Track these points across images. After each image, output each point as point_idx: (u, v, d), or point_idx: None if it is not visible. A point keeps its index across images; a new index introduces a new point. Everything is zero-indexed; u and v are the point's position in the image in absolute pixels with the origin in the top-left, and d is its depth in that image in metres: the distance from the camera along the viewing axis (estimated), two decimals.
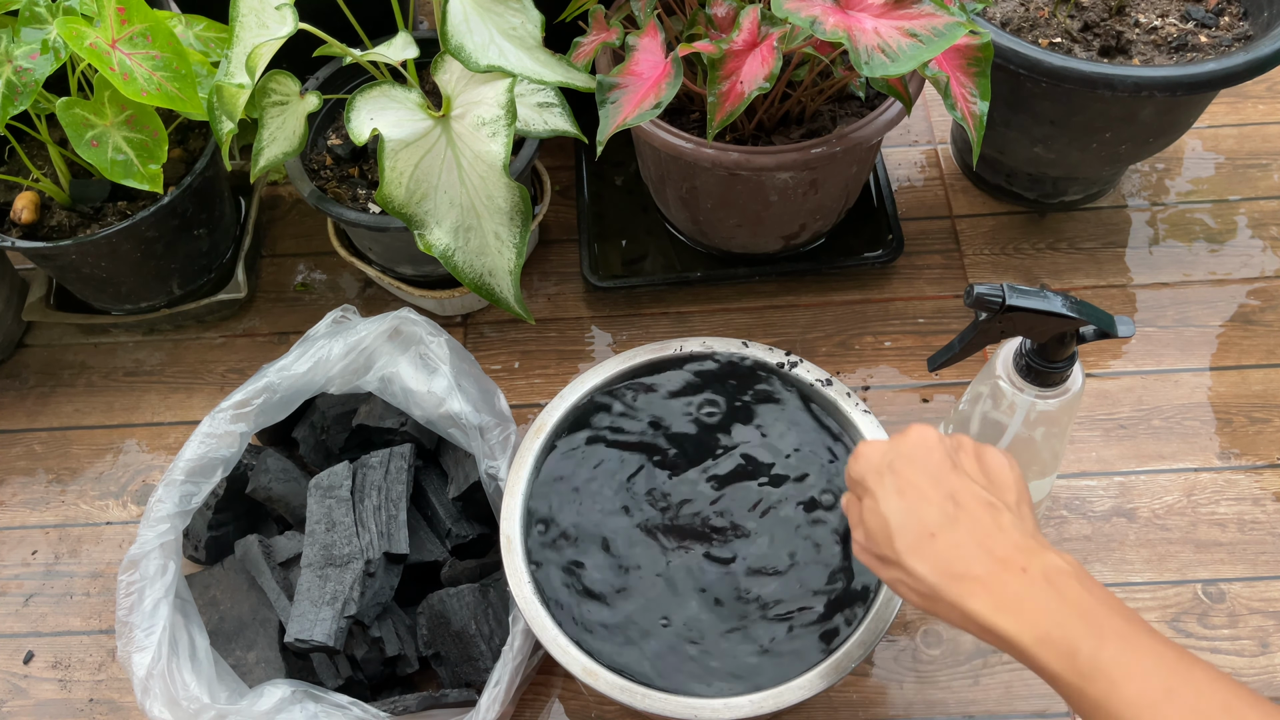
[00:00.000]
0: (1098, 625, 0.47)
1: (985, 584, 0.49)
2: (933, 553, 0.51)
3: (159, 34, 0.79)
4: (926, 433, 0.56)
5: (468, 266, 0.78)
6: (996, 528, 0.51)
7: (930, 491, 0.53)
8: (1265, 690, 0.75)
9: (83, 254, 0.88)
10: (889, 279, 0.98)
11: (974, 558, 0.50)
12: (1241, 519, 0.83)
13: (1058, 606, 0.48)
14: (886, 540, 0.53)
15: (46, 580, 0.87)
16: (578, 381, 0.79)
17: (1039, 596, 0.48)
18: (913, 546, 0.51)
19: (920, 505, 0.52)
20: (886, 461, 0.55)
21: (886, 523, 0.53)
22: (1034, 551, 0.50)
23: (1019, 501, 0.54)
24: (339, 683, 0.74)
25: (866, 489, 0.55)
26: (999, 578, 0.49)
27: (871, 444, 0.57)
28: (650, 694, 0.66)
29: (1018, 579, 0.49)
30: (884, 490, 0.54)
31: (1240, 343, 0.93)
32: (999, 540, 0.50)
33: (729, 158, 0.80)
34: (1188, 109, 0.88)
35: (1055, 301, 0.58)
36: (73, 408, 0.97)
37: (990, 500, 0.52)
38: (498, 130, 0.73)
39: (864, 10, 0.68)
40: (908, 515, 0.52)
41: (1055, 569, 0.49)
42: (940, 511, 0.52)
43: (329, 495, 0.77)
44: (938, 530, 0.51)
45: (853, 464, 0.57)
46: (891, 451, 0.55)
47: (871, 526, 0.54)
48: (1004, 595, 0.48)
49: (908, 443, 0.55)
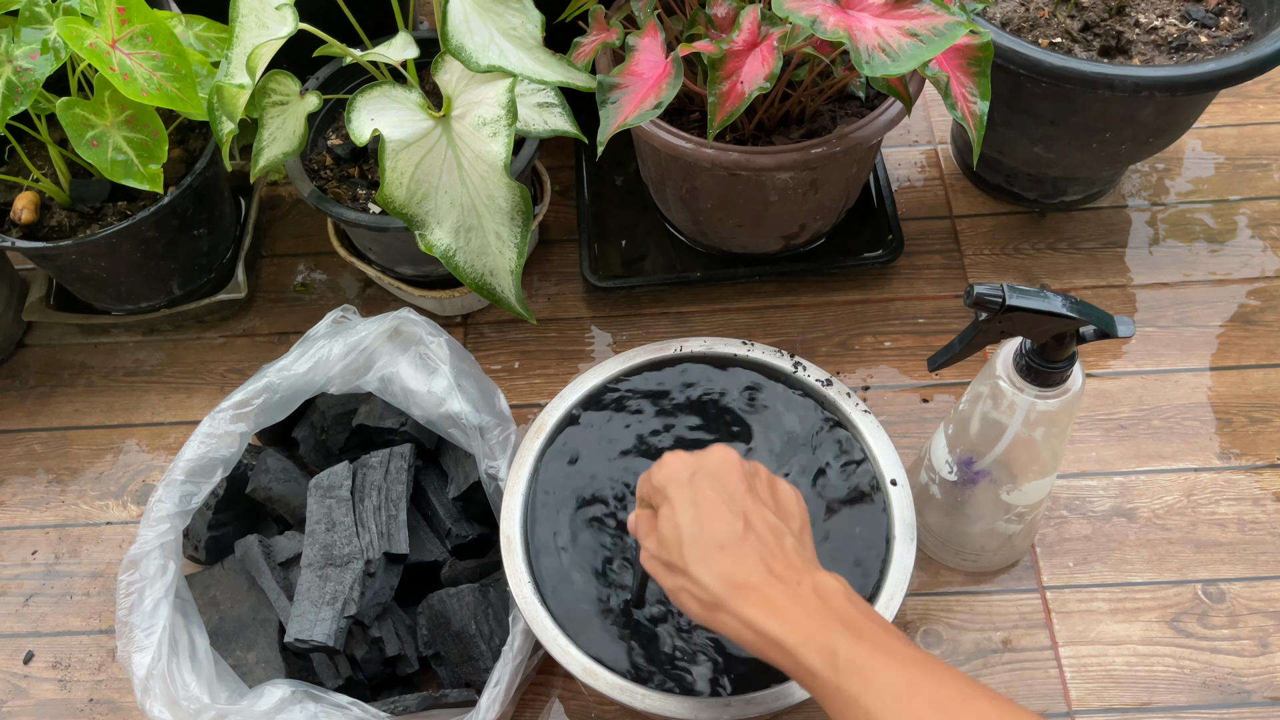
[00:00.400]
0: (856, 630, 0.52)
1: (761, 593, 0.53)
2: (719, 564, 0.55)
3: (159, 34, 0.79)
4: (729, 453, 0.60)
5: (469, 266, 0.78)
6: (779, 548, 0.56)
7: (724, 509, 0.56)
8: (1265, 690, 0.75)
9: (83, 254, 0.88)
10: (889, 279, 0.98)
11: (754, 571, 0.54)
12: (1241, 519, 0.83)
13: (822, 613, 0.52)
14: (678, 548, 0.56)
15: (46, 580, 0.87)
16: (578, 381, 0.79)
17: (807, 605, 0.53)
18: (701, 557, 0.55)
19: (714, 520, 0.56)
20: (689, 474, 0.58)
21: (680, 531, 0.56)
22: (807, 571, 0.55)
23: (801, 530, 0.59)
24: (339, 683, 0.74)
25: (666, 497, 0.58)
26: (774, 588, 0.54)
27: (676, 455, 0.60)
28: (650, 694, 0.66)
29: (791, 590, 0.53)
30: (682, 501, 0.57)
31: (1240, 343, 0.93)
32: (779, 559, 0.55)
33: (729, 158, 0.80)
34: (1188, 109, 0.88)
35: (1055, 301, 0.58)
36: (73, 408, 0.97)
37: (776, 524, 0.57)
38: (498, 130, 0.73)
39: (864, 10, 0.68)
40: (701, 528, 0.56)
41: (825, 586, 0.54)
42: (730, 528, 0.56)
43: (329, 495, 0.77)
44: (726, 544, 0.55)
45: (655, 472, 0.60)
46: (695, 464, 0.59)
47: (665, 533, 0.57)
48: (777, 603, 0.53)
49: (711, 459, 0.59)
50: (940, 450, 0.74)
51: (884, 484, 0.73)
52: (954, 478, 0.73)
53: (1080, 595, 0.80)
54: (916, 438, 0.89)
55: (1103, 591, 0.80)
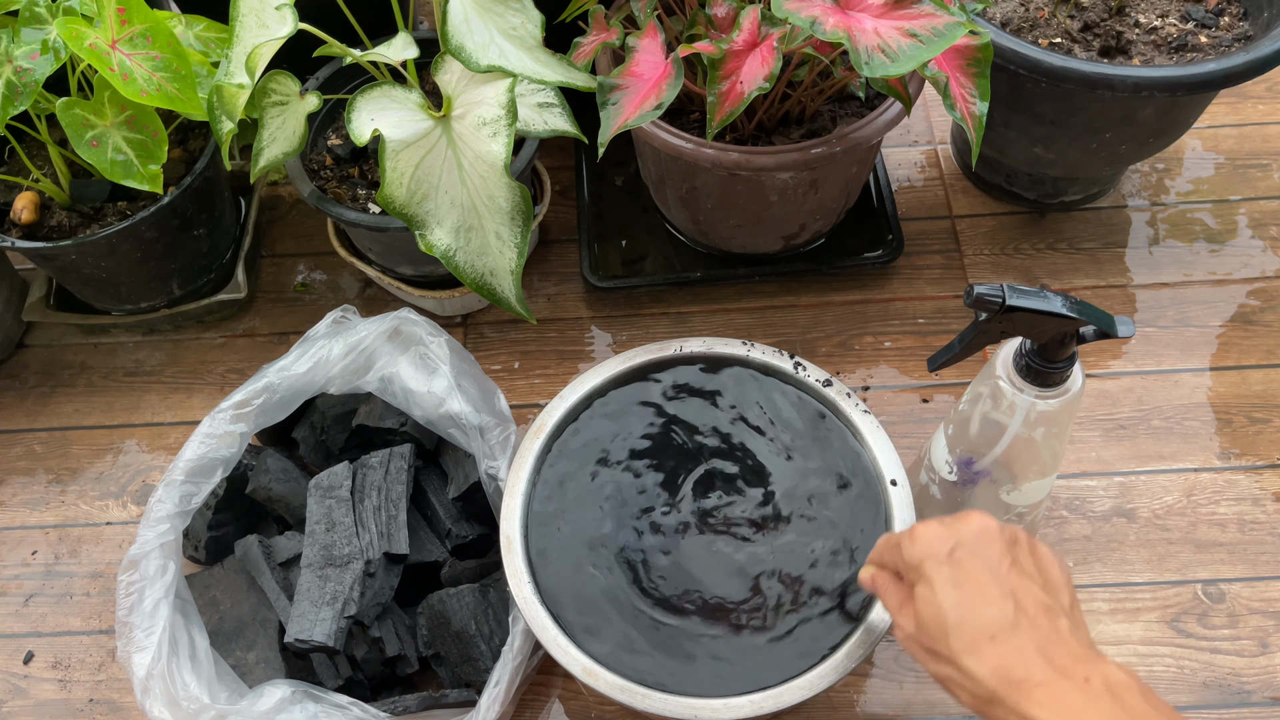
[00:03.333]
0: None
1: (1047, 691, 0.48)
2: (992, 655, 0.50)
3: (159, 34, 0.79)
4: (988, 522, 0.54)
5: (469, 267, 0.78)
6: (1056, 634, 0.50)
7: (991, 590, 0.51)
8: (1265, 690, 0.75)
9: (83, 254, 0.88)
10: (889, 279, 0.98)
11: (1034, 664, 0.49)
12: (1241, 519, 0.83)
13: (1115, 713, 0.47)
14: (941, 636, 0.51)
15: (46, 580, 0.87)
16: (578, 382, 0.79)
17: (1103, 707, 0.47)
18: (970, 647, 0.50)
19: (980, 604, 0.51)
20: (947, 549, 0.53)
21: (943, 618, 0.51)
22: (1094, 662, 0.49)
23: (1072, 606, 0.53)
24: (339, 683, 0.74)
25: (923, 575, 0.53)
26: (1061, 686, 0.48)
27: (929, 526, 0.55)
28: (650, 694, 0.66)
29: (1080, 689, 0.48)
30: (942, 581, 0.52)
31: (1240, 343, 0.93)
32: (1059, 648, 0.49)
33: (729, 158, 0.80)
34: (1188, 109, 0.88)
35: (1055, 302, 0.58)
36: (73, 408, 0.97)
37: (1049, 604, 0.51)
38: (499, 130, 0.73)
39: (864, 10, 0.68)
40: (967, 613, 0.51)
41: (1118, 681, 0.48)
42: (1000, 612, 0.50)
43: (329, 495, 0.77)
44: (998, 632, 0.50)
45: (908, 546, 0.55)
46: (952, 539, 0.54)
47: (925, 618, 0.52)
48: (1066, 704, 0.47)
49: (969, 531, 0.54)
50: (940, 450, 0.74)
51: (884, 484, 0.73)
52: (954, 478, 0.73)
53: (1080, 595, 0.80)
54: (916, 438, 0.89)
55: (1103, 591, 0.80)
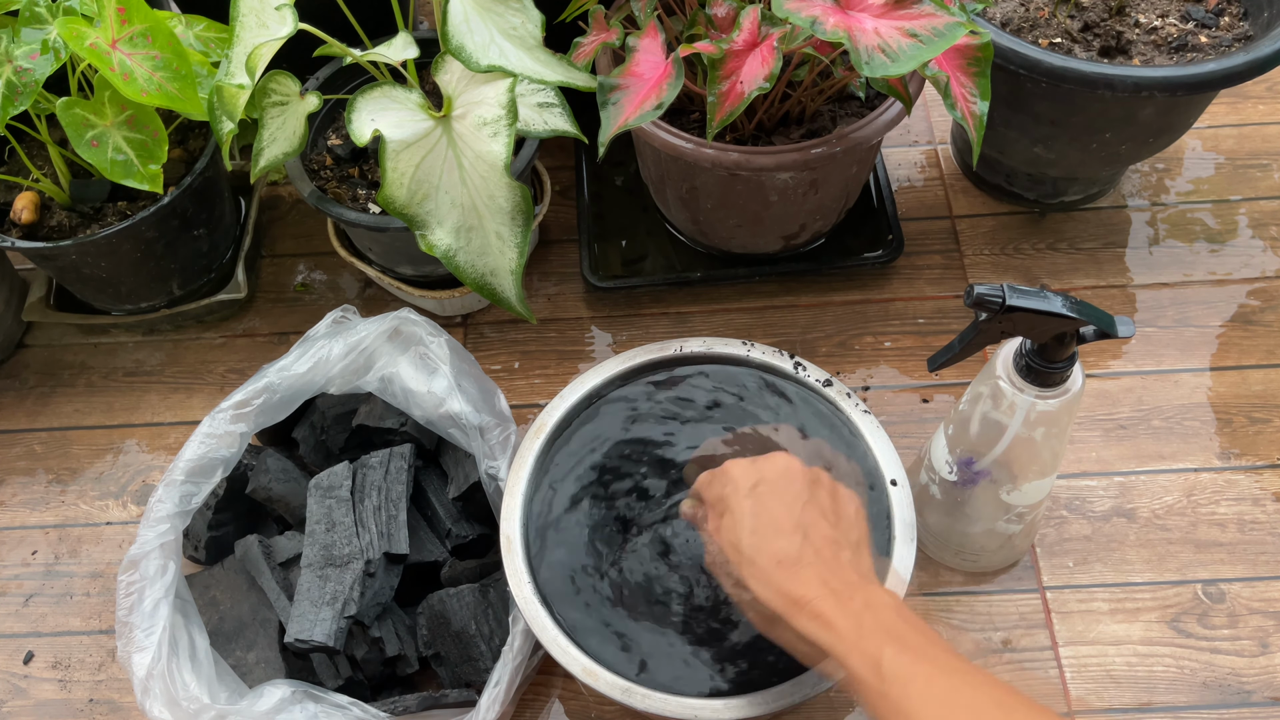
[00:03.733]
0: (900, 640, 0.53)
1: (815, 606, 0.55)
2: (776, 580, 0.56)
3: (159, 34, 0.79)
4: (791, 462, 0.61)
5: (470, 267, 0.78)
6: (836, 564, 0.57)
7: (785, 523, 0.58)
8: (1265, 690, 0.75)
9: (83, 254, 0.88)
10: (889, 279, 0.98)
11: (810, 586, 0.56)
12: (1241, 519, 0.83)
13: (871, 625, 0.54)
14: (737, 562, 0.58)
15: (46, 580, 0.87)
16: (578, 382, 0.79)
17: (857, 617, 0.54)
18: (760, 574, 0.57)
19: (773, 535, 0.58)
20: (750, 484, 0.60)
21: (740, 546, 0.58)
22: (860, 586, 0.56)
23: (859, 542, 0.60)
24: (339, 683, 0.74)
25: (728, 507, 0.60)
26: (828, 601, 0.55)
27: (738, 463, 0.61)
28: (650, 694, 0.66)
29: (843, 604, 0.55)
30: (743, 513, 0.59)
31: (1240, 343, 0.93)
32: (835, 574, 0.56)
33: (729, 158, 0.80)
34: (1188, 109, 0.88)
35: (1055, 302, 0.58)
36: (73, 408, 0.97)
37: (834, 537, 0.58)
38: (499, 130, 0.73)
39: (864, 10, 0.68)
40: (761, 543, 0.58)
41: (876, 599, 0.55)
42: (789, 543, 0.57)
43: (329, 495, 0.77)
44: (784, 560, 0.57)
45: (716, 480, 0.61)
46: (756, 474, 0.60)
47: (726, 545, 0.59)
48: (829, 616, 0.55)
49: (773, 469, 0.60)
50: (940, 450, 0.74)
51: (884, 484, 0.73)
52: (954, 478, 0.73)
53: (1080, 595, 0.80)
54: (916, 438, 0.89)
55: (1103, 592, 0.80)
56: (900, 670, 0.52)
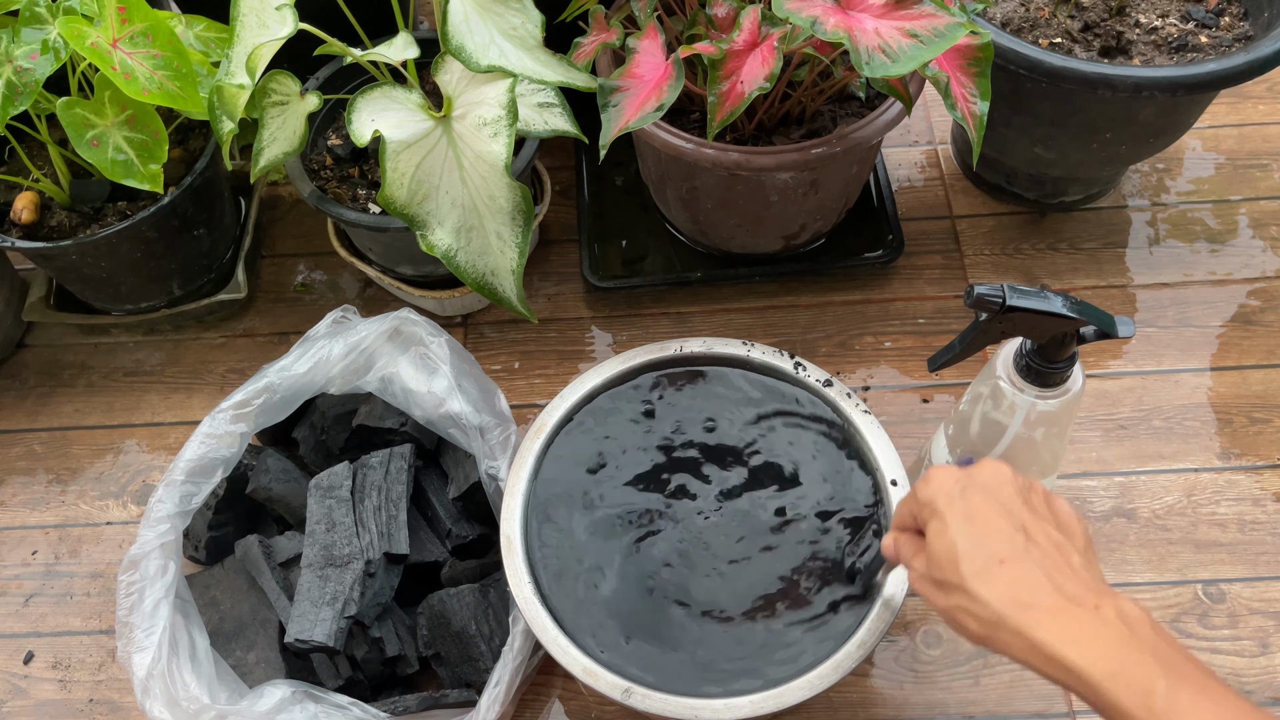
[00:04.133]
0: (1173, 667, 0.46)
1: (1055, 615, 0.48)
2: (1001, 579, 0.50)
3: (160, 33, 0.79)
4: (1000, 467, 0.55)
5: (470, 267, 0.78)
6: (1068, 566, 0.50)
7: (1001, 521, 0.52)
8: (1266, 690, 0.75)
9: (83, 254, 0.88)
10: (889, 279, 0.98)
11: (1043, 589, 0.49)
12: (1242, 519, 0.83)
13: (1132, 644, 0.47)
14: (952, 565, 0.51)
15: (46, 580, 0.87)
16: (578, 382, 0.79)
17: (1112, 633, 0.47)
18: (979, 572, 0.50)
19: (990, 533, 0.51)
20: (959, 488, 0.54)
21: (954, 546, 0.52)
22: (1105, 593, 0.49)
23: (1086, 549, 0.53)
24: (339, 683, 0.74)
25: (935, 511, 0.54)
26: (1069, 611, 0.48)
27: (943, 469, 0.56)
28: (650, 694, 0.66)
29: (1089, 615, 0.48)
30: (954, 514, 0.53)
31: (1240, 343, 0.93)
32: (1069, 577, 0.49)
33: (729, 158, 0.80)
34: (1188, 109, 0.88)
35: (1055, 302, 0.58)
36: (73, 408, 0.97)
37: (1061, 540, 0.52)
38: (499, 130, 0.73)
39: (864, 11, 0.68)
40: (977, 541, 0.51)
41: (1128, 612, 0.48)
42: (1010, 541, 0.51)
43: (329, 495, 0.77)
44: (1007, 558, 0.50)
45: (921, 487, 0.56)
46: (965, 479, 0.54)
47: (937, 550, 0.53)
48: (1074, 628, 0.47)
49: (982, 472, 0.55)
50: (940, 450, 0.74)
51: (884, 484, 0.73)
52: None
53: None
54: (916, 438, 0.89)
55: None
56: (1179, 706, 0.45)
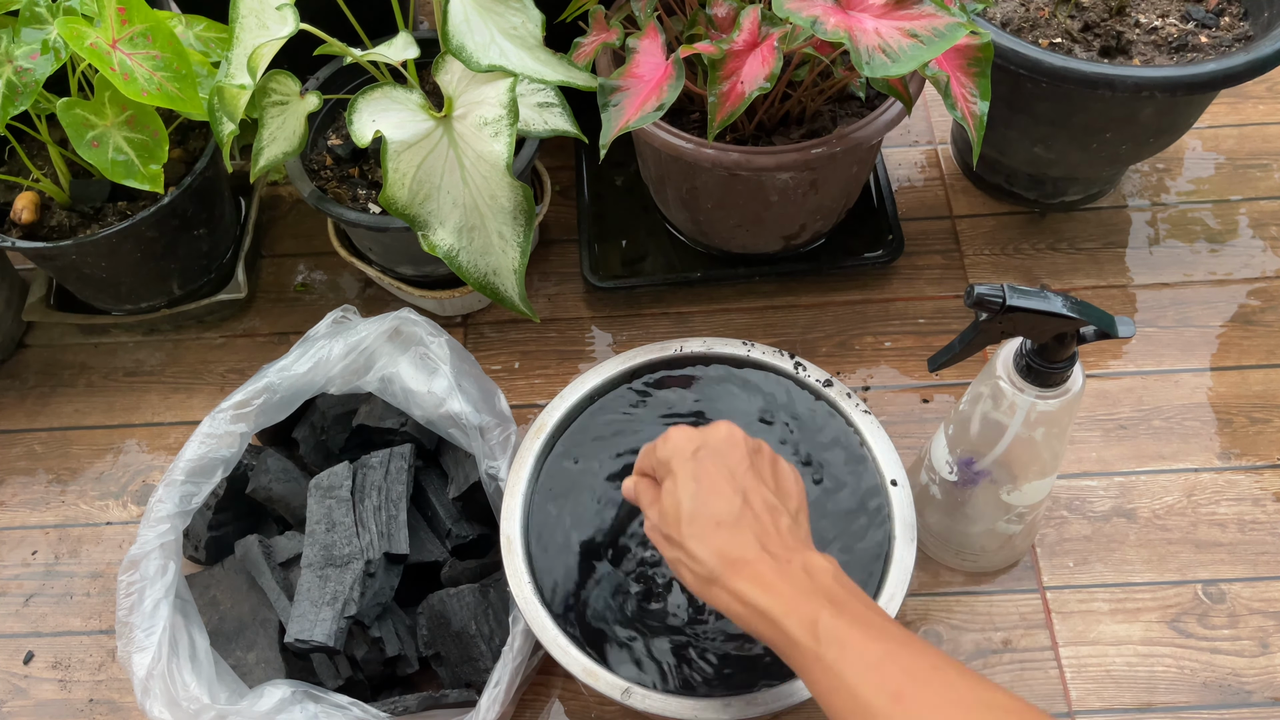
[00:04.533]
0: (838, 604, 0.54)
1: (753, 567, 0.55)
2: (716, 540, 0.57)
3: (159, 34, 0.79)
4: (733, 430, 0.61)
5: (472, 266, 0.78)
6: (774, 527, 0.57)
7: (725, 486, 0.58)
8: (1265, 690, 0.75)
9: (83, 254, 0.88)
10: (889, 279, 0.98)
11: (748, 547, 0.56)
12: (1242, 519, 0.83)
13: (808, 588, 0.55)
14: (677, 523, 0.58)
15: (46, 580, 0.87)
16: (578, 382, 0.79)
17: (795, 580, 0.55)
18: (699, 533, 0.57)
19: (714, 497, 0.58)
20: (692, 448, 0.60)
21: (680, 506, 0.58)
22: (799, 550, 0.57)
23: (798, 510, 0.60)
24: (339, 683, 0.74)
25: (670, 470, 0.60)
26: (766, 563, 0.55)
27: (681, 430, 0.62)
28: (650, 694, 0.66)
29: (781, 566, 0.56)
30: (684, 475, 0.59)
31: (1240, 343, 0.93)
32: (773, 538, 0.57)
33: (729, 158, 0.80)
34: (1188, 109, 0.88)
35: (1055, 302, 0.58)
36: (73, 408, 0.97)
37: (774, 503, 0.59)
38: (500, 130, 0.73)
39: (865, 10, 0.68)
40: (701, 504, 0.58)
41: (814, 564, 0.56)
42: (729, 505, 0.57)
43: (329, 495, 0.77)
44: (724, 521, 0.57)
45: (660, 445, 0.62)
46: (699, 439, 0.60)
47: (666, 506, 0.59)
48: (767, 578, 0.55)
49: (716, 436, 0.61)
50: (940, 450, 0.74)
51: (884, 484, 0.73)
52: (954, 478, 0.73)
53: (1080, 595, 0.80)
54: (916, 438, 0.89)
55: (1103, 592, 0.80)
56: (836, 633, 0.52)
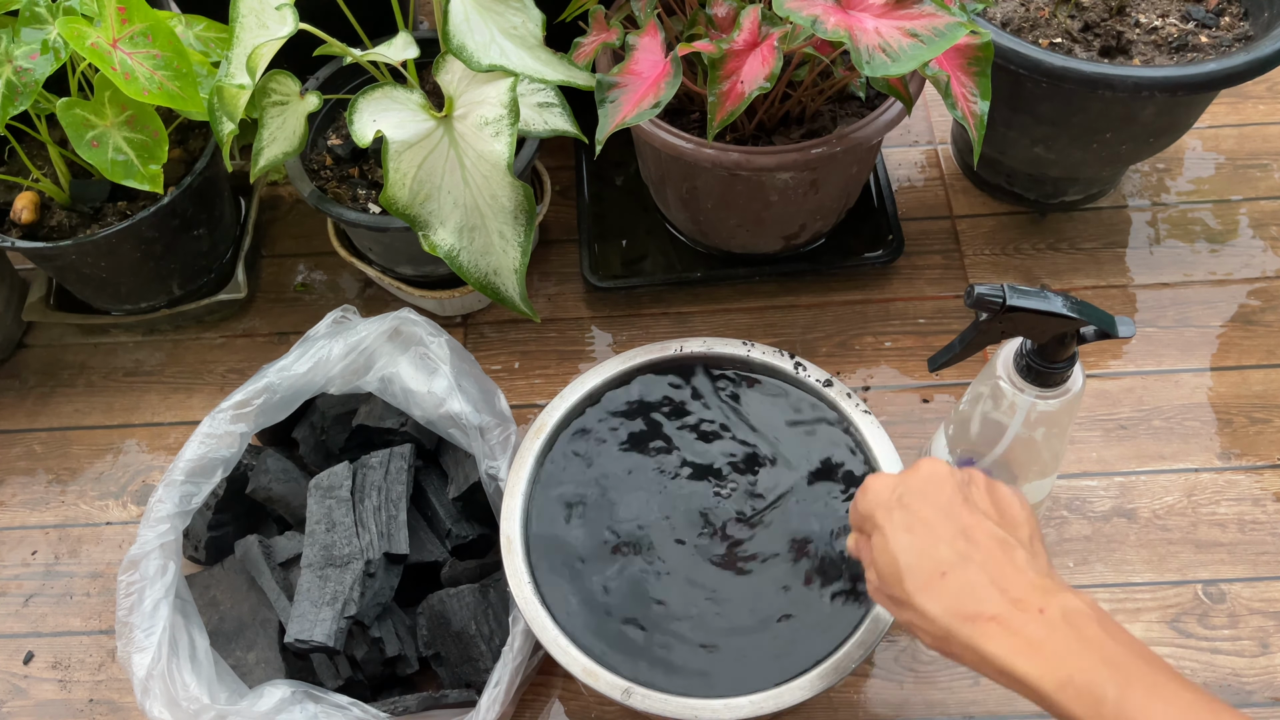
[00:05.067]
0: (1123, 670, 0.45)
1: (1001, 624, 0.47)
2: (944, 592, 0.49)
3: (160, 33, 0.79)
4: (937, 466, 0.54)
5: (473, 266, 0.78)
6: (1011, 565, 0.49)
7: (941, 528, 0.51)
8: (1266, 690, 0.75)
9: (83, 254, 0.88)
10: (889, 279, 0.98)
11: (988, 597, 0.48)
12: (1242, 519, 0.83)
13: (1079, 649, 0.46)
14: (897, 580, 0.51)
15: (46, 580, 0.87)
16: (578, 382, 0.79)
17: (1059, 638, 0.46)
18: (923, 586, 0.50)
19: (931, 542, 0.51)
20: (895, 496, 0.53)
21: (896, 561, 0.51)
22: (1051, 591, 0.48)
23: (1032, 538, 0.52)
24: (339, 683, 0.74)
25: (875, 525, 0.53)
26: (1015, 618, 0.47)
27: (879, 478, 0.55)
28: (650, 694, 0.66)
29: (1035, 620, 0.47)
30: (893, 527, 0.52)
31: (1241, 343, 0.93)
32: (1014, 579, 0.49)
33: (729, 158, 0.80)
34: (1188, 109, 0.88)
35: (1055, 302, 0.58)
36: (73, 408, 0.97)
37: (1004, 537, 0.51)
38: (501, 130, 0.73)
39: (865, 10, 0.68)
40: (918, 553, 0.51)
41: (1074, 610, 0.47)
42: (951, 549, 0.50)
43: (329, 495, 0.77)
44: (949, 569, 0.50)
45: (860, 499, 0.55)
46: (900, 486, 0.54)
47: (882, 565, 0.52)
48: (1021, 637, 0.47)
49: (918, 477, 0.54)
50: (940, 451, 0.74)
51: None
52: None
53: None
54: (917, 438, 0.89)
55: (1103, 592, 0.80)
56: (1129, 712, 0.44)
